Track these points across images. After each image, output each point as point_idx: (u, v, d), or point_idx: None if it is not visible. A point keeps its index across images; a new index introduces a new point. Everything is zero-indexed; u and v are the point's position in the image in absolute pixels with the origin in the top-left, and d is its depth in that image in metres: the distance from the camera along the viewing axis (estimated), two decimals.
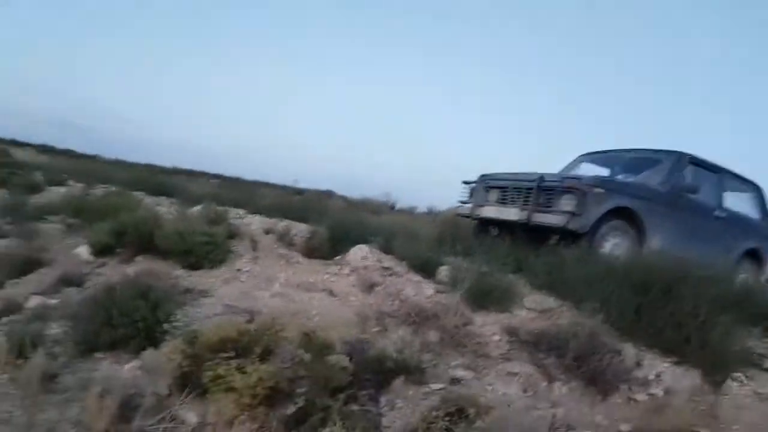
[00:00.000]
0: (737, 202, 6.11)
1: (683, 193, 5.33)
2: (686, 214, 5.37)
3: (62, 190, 9.31)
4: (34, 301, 3.71)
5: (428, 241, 5.57)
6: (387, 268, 4.85)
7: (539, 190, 5.00)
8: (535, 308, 3.98)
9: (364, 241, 5.36)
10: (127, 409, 2.50)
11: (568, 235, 4.75)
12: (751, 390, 3.07)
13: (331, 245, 5.44)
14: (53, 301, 3.75)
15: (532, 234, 5.15)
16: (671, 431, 2.65)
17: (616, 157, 6.26)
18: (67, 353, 3.00)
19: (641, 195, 5.09)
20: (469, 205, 5.91)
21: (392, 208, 15.15)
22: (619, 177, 6.03)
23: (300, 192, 17.57)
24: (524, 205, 5.07)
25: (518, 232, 5.28)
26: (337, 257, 5.27)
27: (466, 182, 6.12)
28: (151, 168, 20.03)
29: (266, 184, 19.73)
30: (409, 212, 14.54)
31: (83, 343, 3.07)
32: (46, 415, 2.29)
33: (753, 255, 6.05)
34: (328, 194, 17.78)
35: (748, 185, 6.24)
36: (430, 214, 13.20)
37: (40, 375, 2.52)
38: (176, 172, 21.13)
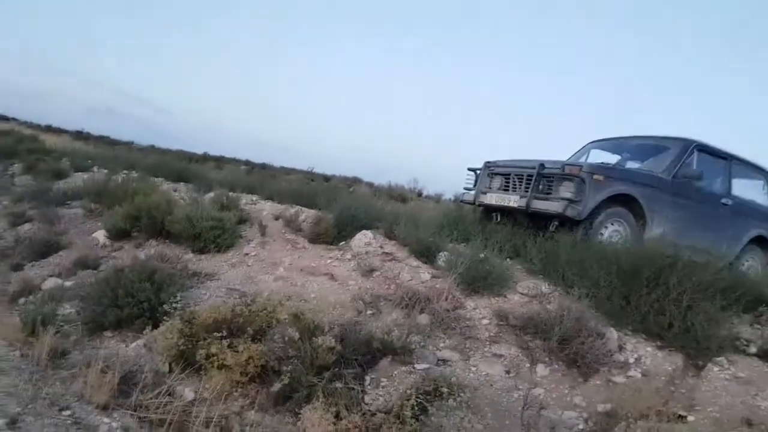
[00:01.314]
0: (748, 189, 5.99)
1: (688, 181, 5.24)
2: (691, 201, 5.28)
3: (86, 176, 9.66)
4: (50, 283, 3.96)
5: (432, 227, 5.64)
6: (388, 254, 4.96)
7: (539, 176, 4.99)
8: (527, 293, 4.05)
9: (370, 227, 5.47)
10: (127, 385, 2.71)
11: (567, 222, 4.80)
12: (731, 374, 3.10)
13: (337, 231, 5.56)
14: (68, 283, 4.01)
15: (533, 220, 5.17)
16: (647, 412, 2.72)
17: (623, 143, 6.21)
18: (77, 332, 3.23)
19: (643, 182, 5.04)
20: (472, 192, 5.91)
21: (419, 194, 15.22)
22: (626, 164, 5.98)
23: (327, 179, 17.81)
24: (525, 191, 5.07)
25: (520, 219, 5.32)
26: (342, 243, 5.41)
27: (470, 169, 6.10)
28: (181, 154, 20.53)
29: (293, 171, 19.99)
30: (435, 199, 14.60)
31: (92, 322, 3.30)
32: (52, 389, 2.48)
33: (761, 242, 5.94)
34: (355, 181, 17.96)
35: (760, 172, 6.11)
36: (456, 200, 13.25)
37: (49, 352, 2.74)
38: (206, 158, 21.62)
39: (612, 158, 6.19)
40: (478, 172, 5.95)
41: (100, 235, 5.45)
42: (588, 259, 3.88)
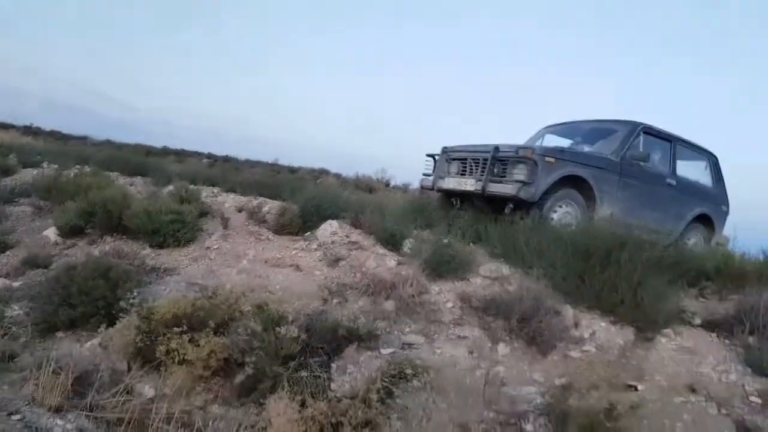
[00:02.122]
0: (691, 170, 6.26)
1: (635, 162, 5.44)
2: (638, 182, 5.49)
3: (35, 171, 9.25)
4: None
5: (398, 215, 5.68)
6: (354, 243, 4.97)
7: (494, 160, 5.09)
8: (489, 276, 4.15)
9: (336, 217, 5.46)
10: (83, 385, 2.63)
11: (521, 205, 4.90)
12: (677, 345, 3.28)
13: (302, 221, 5.53)
14: (17, 284, 3.85)
15: (490, 204, 5.28)
16: (600, 383, 2.84)
17: (575, 128, 6.38)
18: (27, 334, 3.11)
19: (593, 164, 5.21)
20: (431, 178, 5.99)
21: (387, 185, 15.24)
22: (578, 147, 6.10)
23: (293, 171, 17.62)
24: (481, 175, 5.15)
25: (478, 203, 5.42)
26: (308, 233, 5.38)
27: (429, 155, 6.17)
28: (139, 148, 19.86)
29: (258, 163, 19.69)
30: (403, 189, 14.63)
31: (43, 322, 3.19)
32: (0, 393, 2.40)
33: (704, 220, 6.24)
34: (322, 173, 17.84)
35: (702, 153, 6.40)
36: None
37: None
38: (166, 152, 20.99)
39: (565, 142, 6.36)
40: (437, 157, 6.01)
41: (51, 233, 5.24)
42: (545, 240, 4.00)
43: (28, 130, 25.26)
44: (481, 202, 5.37)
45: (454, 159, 5.76)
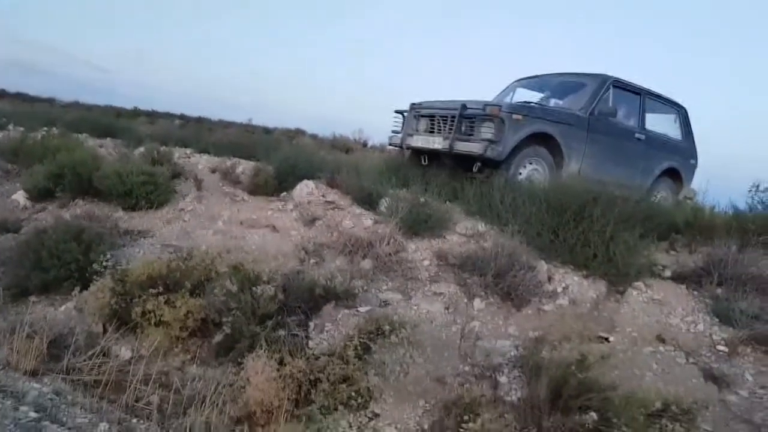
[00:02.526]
0: (661, 123, 6.24)
1: (603, 117, 5.37)
2: (606, 137, 5.43)
3: (0, 134, 8.89)
4: None
5: (374, 174, 5.62)
6: (330, 202, 4.94)
7: (461, 118, 4.97)
8: (465, 233, 4.18)
9: (312, 177, 5.40)
10: (58, 349, 2.62)
11: (489, 163, 4.81)
12: (648, 297, 3.38)
13: (277, 182, 5.47)
14: None
15: (459, 162, 5.19)
16: (572, 335, 2.93)
17: (546, 81, 6.28)
18: None
19: (561, 120, 5.11)
20: (399, 135, 5.83)
21: (364, 145, 15.03)
22: (549, 101, 6.08)
23: (268, 131, 17.23)
24: (449, 133, 5.04)
25: (446, 161, 5.34)
26: (283, 193, 5.33)
27: (398, 111, 5.98)
28: (108, 110, 19.18)
29: (232, 124, 19.19)
30: (381, 149, 14.43)
31: (15, 287, 3.14)
32: None
33: (672, 174, 6.26)
34: (297, 133, 17.49)
35: (672, 106, 6.36)
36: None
37: None
38: (137, 113, 20.28)
39: (536, 96, 6.26)
40: (405, 114, 5.86)
41: (20, 197, 5.09)
42: (519, 197, 4.02)
43: None
44: (450, 160, 5.28)
45: (422, 116, 5.63)
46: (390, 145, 6.25)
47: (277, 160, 5.70)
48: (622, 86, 5.68)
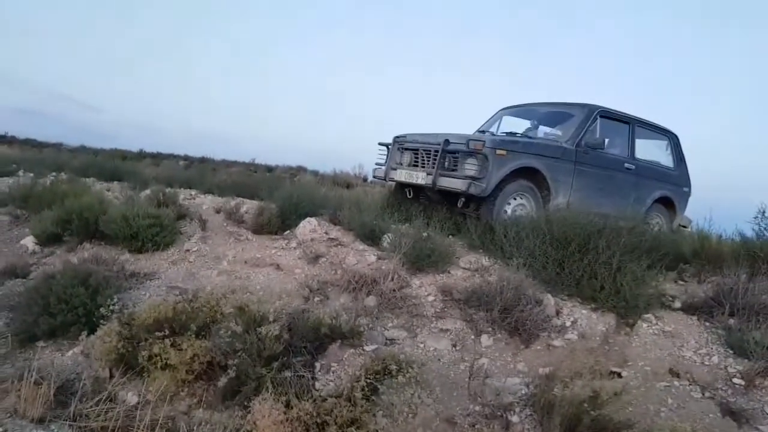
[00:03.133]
0: (652, 151, 6.16)
1: (591, 149, 5.27)
2: (595, 168, 5.31)
3: (11, 181, 9.06)
4: None
5: (376, 210, 5.64)
6: (333, 239, 4.96)
7: (445, 152, 4.89)
8: (469, 267, 4.17)
9: (314, 215, 5.44)
10: (65, 395, 2.60)
11: (473, 198, 4.73)
12: (659, 329, 3.34)
13: (280, 220, 5.50)
14: None
15: (445, 197, 5.10)
16: (584, 371, 2.88)
17: (533, 110, 6.20)
18: (7, 345, 3.06)
19: (546, 153, 5.01)
20: (383, 168, 5.70)
21: (364, 180, 15.16)
22: (537, 130, 6.03)
23: (270, 169, 17.48)
24: (432, 168, 4.93)
25: (432, 195, 5.25)
26: (287, 232, 5.36)
27: (381, 144, 5.86)
28: (114, 153, 19.53)
29: (234, 163, 19.46)
30: (381, 183, 14.53)
31: (23, 333, 3.13)
32: None
33: (665, 202, 6.14)
34: (299, 170, 17.71)
35: (663, 133, 6.27)
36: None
37: None
38: (142, 156, 20.65)
39: (524, 124, 6.18)
40: (390, 147, 5.78)
41: (29, 242, 5.15)
42: (523, 231, 4.03)
43: (3, 139, 24.63)
44: (435, 195, 5.19)
45: (406, 149, 5.51)
46: (374, 177, 6.09)
47: (280, 198, 5.75)
48: (609, 116, 5.59)
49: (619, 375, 2.99)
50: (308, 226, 5.14)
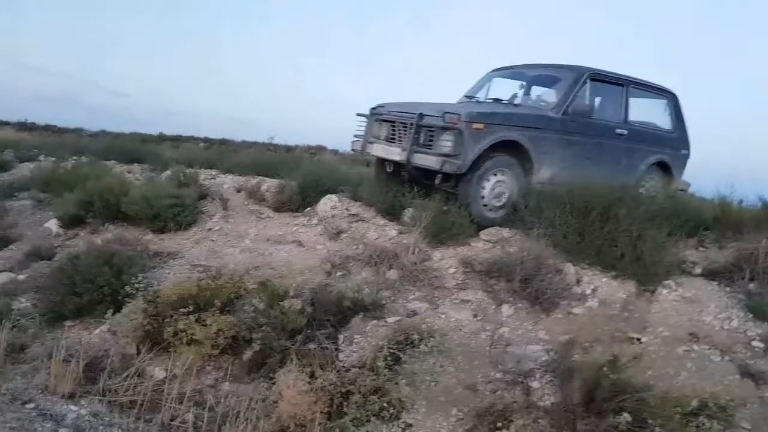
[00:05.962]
0: (650, 112, 5.71)
1: (579, 117, 4.82)
2: (583, 137, 4.89)
3: (32, 165, 9.23)
4: (2, 278, 3.84)
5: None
6: (354, 215, 4.98)
7: (419, 127, 4.50)
8: (490, 239, 4.16)
9: (335, 192, 5.45)
10: (94, 371, 2.69)
11: (450, 176, 4.41)
12: (679, 295, 3.31)
13: (301, 198, 5.52)
14: (22, 277, 3.89)
15: (425, 173, 4.65)
16: (603, 337, 2.88)
17: (523, 72, 5.66)
18: (35, 325, 3.16)
19: (529, 124, 4.59)
20: (361, 141, 5.22)
21: None
22: (529, 91, 5.63)
23: (289, 149, 17.50)
24: (407, 143, 4.52)
25: (411, 171, 4.77)
26: (308, 209, 5.38)
27: (360, 114, 5.34)
28: (135, 137, 19.73)
29: (254, 144, 19.52)
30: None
31: (51, 313, 3.24)
32: (12, 384, 2.45)
33: (662, 166, 5.65)
34: (319, 149, 17.68)
35: (660, 93, 5.77)
36: None
37: (6, 347, 2.68)
38: (162, 139, 20.84)
39: (514, 86, 5.67)
40: (368, 118, 5.30)
41: (53, 225, 5.27)
42: (543, 200, 3.99)
43: (24, 126, 24.99)
44: (414, 171, 4.74)
45: (383, 121, 5.07)
46: (352, 150, 5.67)
47: (301, 176, 5.76)
48: (601, 78, 5.13)
49: (639, 340, 2.99)
50: (329, 203, 5.16)
